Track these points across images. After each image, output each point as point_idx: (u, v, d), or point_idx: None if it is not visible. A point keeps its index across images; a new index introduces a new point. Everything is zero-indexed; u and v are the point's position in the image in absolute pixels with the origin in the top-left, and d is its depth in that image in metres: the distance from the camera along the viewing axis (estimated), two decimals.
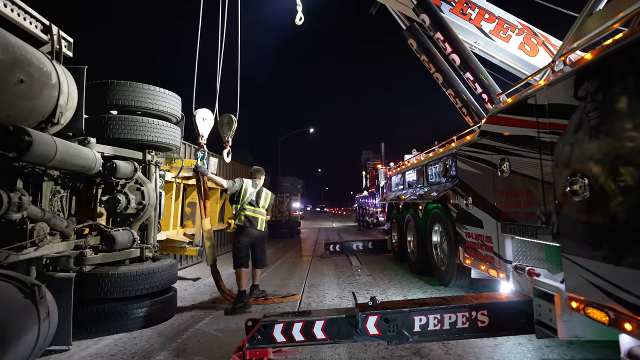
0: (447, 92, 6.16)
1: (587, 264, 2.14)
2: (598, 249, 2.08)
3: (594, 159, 2.11)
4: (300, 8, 6.64)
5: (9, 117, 2.67)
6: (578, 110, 2.23)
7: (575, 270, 2.23)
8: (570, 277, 2.31)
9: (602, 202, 2.05)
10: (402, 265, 7.13)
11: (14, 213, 2.74)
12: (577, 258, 2.22)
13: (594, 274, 2.08)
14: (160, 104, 4.17)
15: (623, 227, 1.93)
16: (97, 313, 3.49)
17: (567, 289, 2.34)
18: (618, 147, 1.95)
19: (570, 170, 2.29)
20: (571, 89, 2.30)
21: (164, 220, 5.48)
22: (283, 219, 14.87)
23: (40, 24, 3.25)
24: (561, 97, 2.43)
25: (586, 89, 2.17)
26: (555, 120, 2.49)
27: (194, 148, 7.77)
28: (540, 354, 2.89)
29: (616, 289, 1.94)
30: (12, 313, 2.24)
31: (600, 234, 2.09)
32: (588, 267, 2.13)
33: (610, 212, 1.99)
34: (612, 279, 1.96)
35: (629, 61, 1.94)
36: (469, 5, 5.50)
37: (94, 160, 3.44)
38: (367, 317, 2.61)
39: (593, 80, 2.13)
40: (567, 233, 2.38)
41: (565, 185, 2.30)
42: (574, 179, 2.21)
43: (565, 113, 2.38)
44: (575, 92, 2.27)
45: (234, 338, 3.27)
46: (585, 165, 2.17)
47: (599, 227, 2.09)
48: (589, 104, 2.14)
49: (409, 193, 6.79)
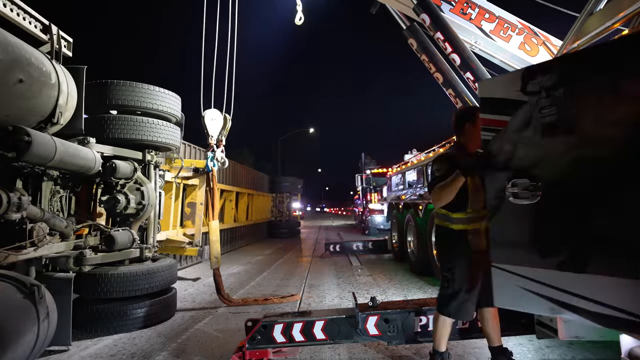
0: (448, 92, 6.15)
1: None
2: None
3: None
4: (300, 8, 6.63)
5: (8, 117, 2.66)
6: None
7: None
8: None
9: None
10: (402, 265, 7.12)
11: (14, 213, 2.73)
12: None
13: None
14: (160, 104, 4.17)
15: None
16: (96, 313, 3.48)
17: None
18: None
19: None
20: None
21: (163, 220, 5.48)
22: (283, 219, 14.87)
23: (39, 23, 3.25)
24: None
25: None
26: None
27: (194, 148, 7.77)
28: (540, 354, 2.89)
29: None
30: (11, 313, 2.23)
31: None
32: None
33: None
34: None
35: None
36: (469, 5, 5.50)
37: (94, 160, 3.43)
38: (367, 317, 2.61)
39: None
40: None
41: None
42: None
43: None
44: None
45: (234, 338, 3.26)
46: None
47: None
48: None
49: (409, 193, 6.78)
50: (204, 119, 4.70)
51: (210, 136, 4.75)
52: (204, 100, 4.72)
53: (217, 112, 4.79)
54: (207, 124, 4.71)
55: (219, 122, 4.80)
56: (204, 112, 4.71)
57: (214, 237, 4.62)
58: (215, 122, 4.76)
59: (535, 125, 1.85)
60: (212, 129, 4.75)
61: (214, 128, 4.76)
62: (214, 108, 4.79)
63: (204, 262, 7.51)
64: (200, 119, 4.72)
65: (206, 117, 4.70)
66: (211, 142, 4.77)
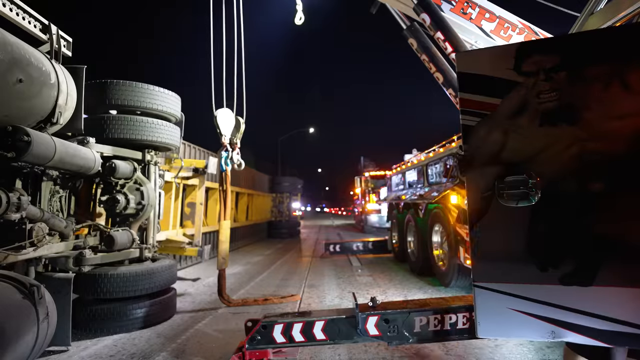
0: (448, 92, 6.14)
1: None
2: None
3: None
4: (300, 7, 6.63)
5: (7, 117, 2.65)
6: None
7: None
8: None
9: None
10: (402, 265, 7.12)
11: (13, 213, 2.73)
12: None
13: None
14: (160, 104, 4.16)
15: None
16: (96, 313, 3.48)
17: None
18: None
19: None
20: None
21: (163, 220, 5.47)
22: (283, 219, 14.87)
23: (39, 23, 3.24)
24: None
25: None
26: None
27: (194, 148, 7.76)
28: (541, 354, 2.88)
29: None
30: (10, 313, 2.23)
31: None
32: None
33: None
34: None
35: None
36: (470, 5, 5.49)
37: (93, 160, 3.43)
38: (367, 317, 2.60)
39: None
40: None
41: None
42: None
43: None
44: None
45: (234, 338, 3.26)
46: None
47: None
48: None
49: (409, 193, 6.78)
50: (216, 119, 4.66)
51: (224, 135, 4.71)
52: (216, 101, 4.70)
53: (229, 112, 4.76)
54: (220, 123, 4.68)
55: (231, 122, 4.76)
56: (215, 111, 4.68)
57: (223, 237, 4.56)
58: (227, 122, 4.71)
59: (531, 113, 1.58)
60: (225, 128, 4.71)
61: (226, 127, 4.72)
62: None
63: (203, 262, 7.51)
64: (213, 119, 4.66)
65: (218, 117, 4.67)
66: (224, 142, 4.71)
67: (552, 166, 1.56)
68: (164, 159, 5.36)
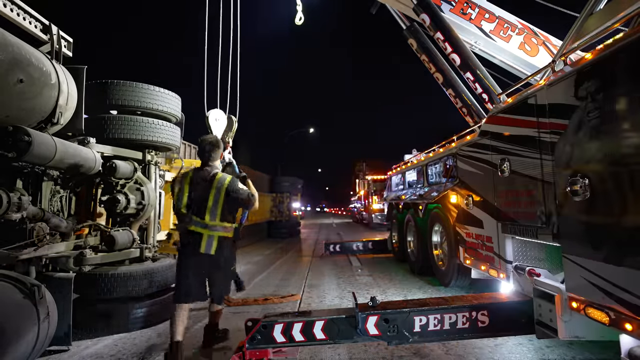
0: (448, 92, 6.16)
1: (588, 264, 2.13)
2: (598, 249, 2.07)
3: (594, 159, 2.10)
4: (300, 8, 6.64)
5: (8, 117, 2.66)
6: (578, 110, 2.23)
7: (576, 271, 2.22)
8: (571, 277, 2.30)
9: (602, 203, 2.05)
10: (402, 265, 7.12)
11: (14, 213, 2.74)
12: (578, 258, 2.22)
13: (594, 274, 2.08)
14: (160, 104, 4.17)
15: (623, 227, 1.92)
16: (96, 313, 3.48)
17: (567, 289, 2.33)
18: (618, 148, 1.95)
19: (571, 170, 2.28)
20: (571, 88, 2.30)
21: (163, 220, 5.47)
22: (283, 219, 14.86)
23: (39, 23, 3.25)
24: (561, 96, 2.42)
25: (586, 88, 2.16)
26: (556, 120, 2.48)
27: (194, 148, 7.77)
28: (540, 354, 2.89)
29: (617, 289, 1.93)
30: (11, 313, 2.24)
31: (600, 234, 2.08)
32: (589, 267, 2.12)
33: (610, 212, 1.99)
34: (613, 279, 1.96)
35: (629, 61, 1.94)
36: (469, 5, 5.50)
37: (94, 160, 3.44)
38: (367, 317, 2.60)
39: (593, 80, 2.13)
40: (568, 233, 2.37)
41: (565, 186, 2.30)
42: (575, 179, 2.20)
43: (565, 113, 2.38)
44: (575, 92, 2.27)
45: (234, 338, 3.26)
46: (586, 166, 2.17)
47: (599, 227, 2.09)
48: (589, 104, 2.13)
49: (409, 193, 6.78)
50: (207, 120, 4.72)
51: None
52: (208, 101, 4.75)
53: (221, 113, 4.82)
54: (211, 124, 4.74)
55: (223, 122, 4.82)
56: (207, 112, 4.74)
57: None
58: (219, 123, 4.78)
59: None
60: (216, 129, 4.77)
61: (217, 128, 4.78)
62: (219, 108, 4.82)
63: None
64: (205, 120, 4.73)
65: (210, 118, 4.74)
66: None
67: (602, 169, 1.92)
68: (165, 159, 5.37)
